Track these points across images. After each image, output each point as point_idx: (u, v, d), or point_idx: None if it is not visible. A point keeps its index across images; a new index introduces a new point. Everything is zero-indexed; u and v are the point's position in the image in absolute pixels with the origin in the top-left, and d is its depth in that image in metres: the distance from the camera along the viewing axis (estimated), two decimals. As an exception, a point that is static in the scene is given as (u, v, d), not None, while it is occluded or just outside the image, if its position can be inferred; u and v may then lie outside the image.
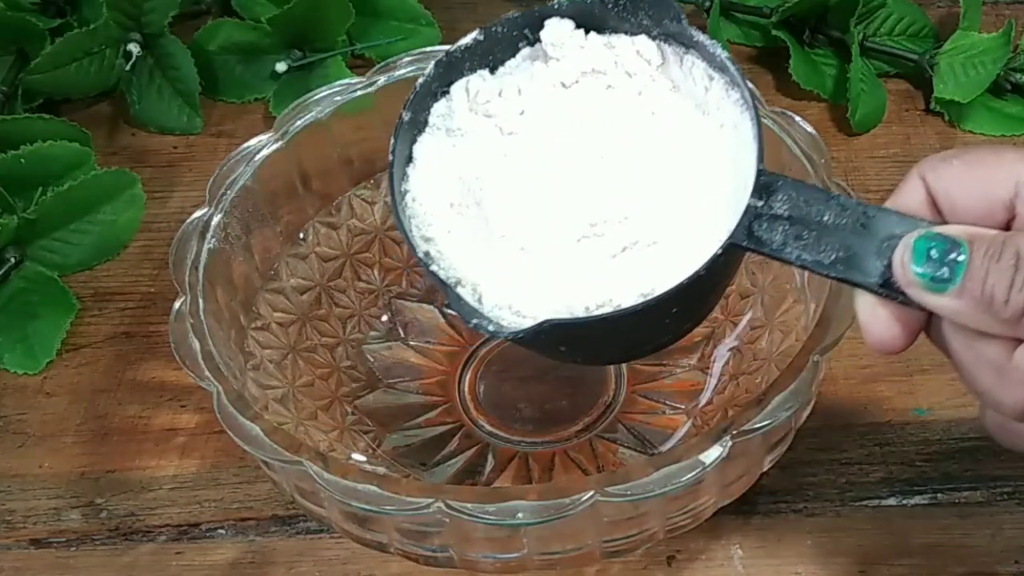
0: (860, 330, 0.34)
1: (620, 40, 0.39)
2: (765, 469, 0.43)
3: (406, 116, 0.39)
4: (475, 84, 0.40)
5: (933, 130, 0.62)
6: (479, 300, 0.37)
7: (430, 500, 0.36)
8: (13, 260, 0.56)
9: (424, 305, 0.53)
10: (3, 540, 0.48)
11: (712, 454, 0.37)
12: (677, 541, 0.45)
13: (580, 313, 0.36)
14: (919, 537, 0.46)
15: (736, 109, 0.37)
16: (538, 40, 0.40)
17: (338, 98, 0.49)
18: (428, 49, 0.50)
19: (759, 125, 0.36)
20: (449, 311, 0.53)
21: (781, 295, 0.47)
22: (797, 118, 0.45)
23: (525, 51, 0.40)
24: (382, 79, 0.49)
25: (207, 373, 0.41)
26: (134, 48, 0.62)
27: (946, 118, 0.62)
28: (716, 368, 0.49)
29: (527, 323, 0.36)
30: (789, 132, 0.45)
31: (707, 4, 0.65)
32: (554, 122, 0.39)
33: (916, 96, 0.64)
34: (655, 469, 0.37)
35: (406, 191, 0.39)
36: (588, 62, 0.39)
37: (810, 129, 0.45)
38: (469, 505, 0.36)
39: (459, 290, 0.37)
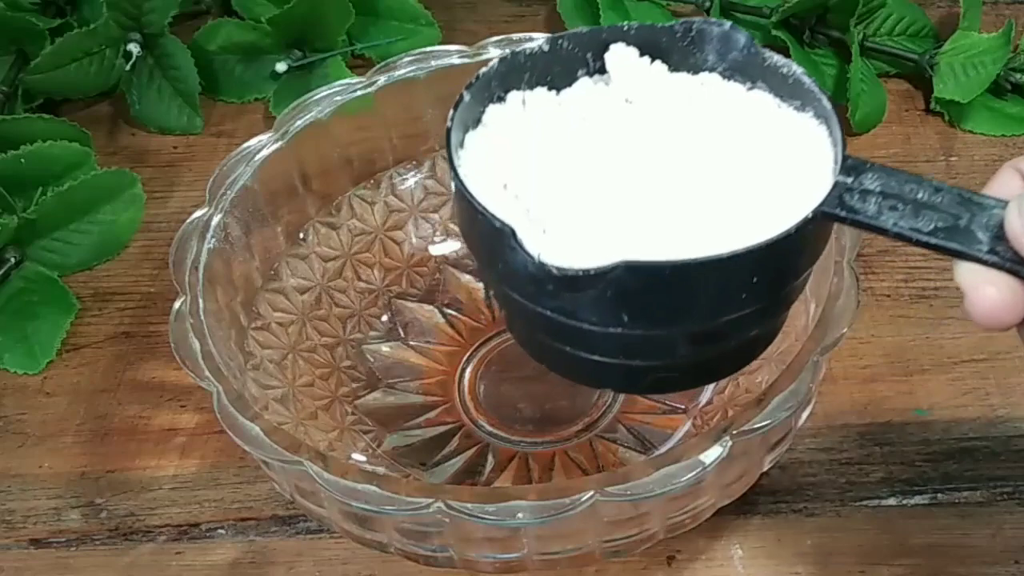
0: (966, 305, 0.32)
1: (683, 76, 0.39)
2: (765, 469, 0.43)
3: (466, 97, 0.37)
4: (532, 98, 0.39)
5: (933, 130, 0.62)
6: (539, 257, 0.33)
7: (430, 500, 0.36)
8: (13, 260, 0.56)
9: (424, 305, 0.53)
10: (3, 540, 0.48)
11: (712, 454, 0.37)
12: (677, 541, 0.45)
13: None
14: (919, 537, 0.46)
15: (812, 123, 0.37)
16: (598, 71, 0.39)
17: (338, 98, 0.49)
18: (428, 49, 0.50)
19: (841, 126, 0.35)
20: (449, 311, 0.53)
21: (781, 295, 0.47)
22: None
23: (585, 80, 0.39)
24: (382, 79, 0.49)
25: (207, 373, 0.41)
26: (134, 48, 0.62)
27: (946, 118, 0.62)
28: (716, 368, 0.49)
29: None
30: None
31: (707, 4, 0.65)
32: (617, 127, 0.38)
33: (916, 96, 0.64)
34: (655, 469, 0.37)
35: (458, 166, 0.37)
36: (652, 83, 0.39)
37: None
38: (469, 505, 0.36)
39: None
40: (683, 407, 0.49)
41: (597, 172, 0.36)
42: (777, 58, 0.37)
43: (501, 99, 0.39)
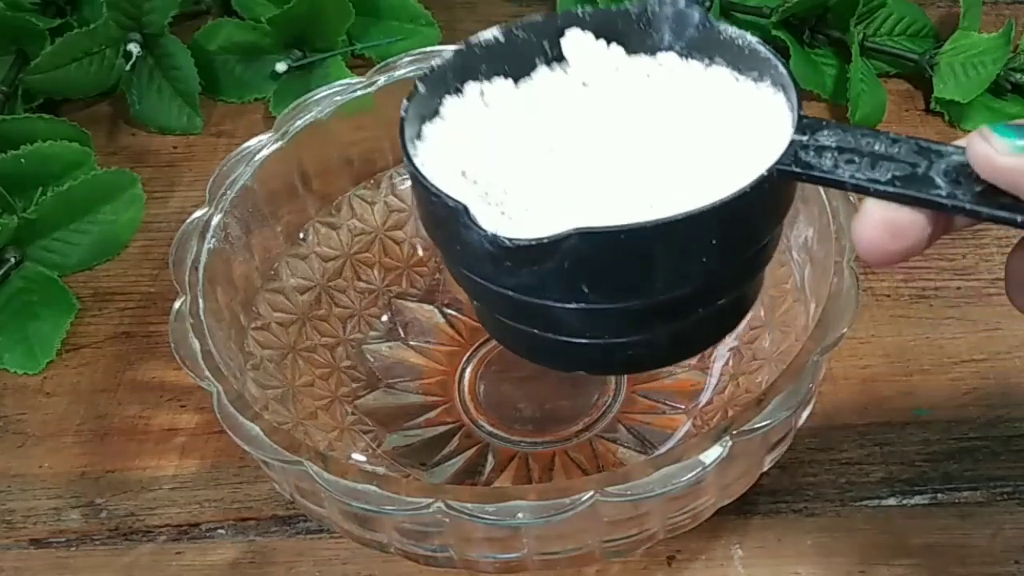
0: (855, 239, 0.33)
1: (641, 58, 0.39)
2: (765, 469, 0.43)
3: (421, 89, 0.37)
4: (490, 89, 0.39)
5: (933, 130, 0.62)
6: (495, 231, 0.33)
7: (430, 500, 0.36)
8: (13, 260, 0.56)
9: (424, 305, 0.53)
10: (3, 540, 0.48)
11: (712, 454, 0.37)
12: (677, 541, 0.45)
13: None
14: (919, 537, 0.46)
15: (768, 91, 0.37)
16: (556, 59, 0.39)
17: (338, 98, 0.49)
18: (428, 49, 0.50)
19: (797, 90, 0.35)
20: (449, 311, 0.53)
21: (781, 295, 0.47)
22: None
23: (543, 69, 0.39)
24: (382, 79, 0.49)
25: (207, 373, 0.41)
26: (134, 48, 0.62)
27: (946, 118, 0.62)
28: (716, 368, 0.49)
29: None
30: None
31: (707, 4, 0.65)
32: (574, 109, 0.38)
33: (916, 96, 0.64)
34: (655, 469, 0.37)
35: (413, 155, 0.36)
36: (610, 64, 0.39)
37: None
38: (469, 505, 0.36)
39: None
40: (683, 407, 0.49)
41: (555, 153, 0.36)
42: (731, 30, 0.37)
43: (458, 91, 0.38)
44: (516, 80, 0.39)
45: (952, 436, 0.49)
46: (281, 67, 0.64)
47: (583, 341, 0.36)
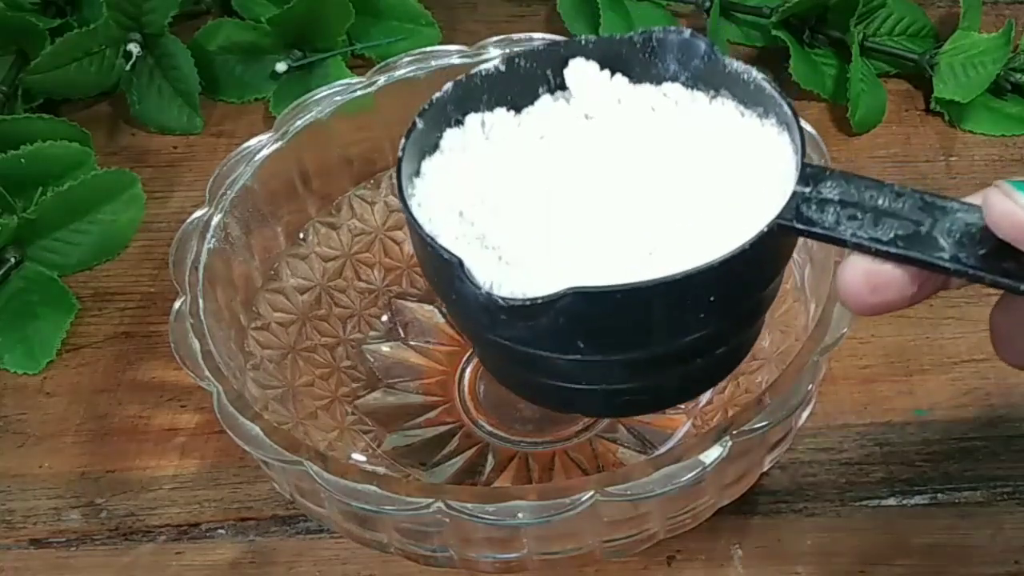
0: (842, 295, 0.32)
1: (646, 88, 0.38)
2: (765, 469, 0.43)
3: (420, 124, 0.37)
4: (491, 119, 0.38)
5: (933, 130, 0.62)
6: (489, 289, 0.33)
7: (430, 500, 0.36)
8: (13, 260, 0.56)
9: (424, 305, 0.53)
10: (3, 540, 0.48)
11: (712, 454, 0.37)
12: (677, 541, 0.45)
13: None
14: (919, 537, 0.46)
15: (773, 131, 0.36)
16: (559, 87, 0.39)
17: (338, 98, 0.49)
18: (428, 49, 0.50)
19: (801, 134, 0.34)
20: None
21: (781, 295, 0.47)
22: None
23: (546, 98, 0.39)
24: (382, 79, 0.49)
25: (207, 373, 0.41)
26: (134, 48, 0.62)
27: (946, 118, 0.62)
28: (716, 368, 0.49)
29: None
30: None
31: (707, 4, 0.65)
32: (577, 144, 0.37)
33: (916, 96, 0.64)
34: (655, 469, 0.37)
35: (411, 195, 0.37)
36: (613, 96, 0.38)
37: (810, 129, 0.45)
38: (469, 505, 0.36)
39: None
40: (683, 407, 0.49)
41: (554, 195, 0.36)
42: (737, 65, 0.37)
43: (459, 122, 0.38)
44: (518, 110, 0.39)
45: (952, 436, 0.49)
46: (281, 67, 0.64)
47: (580, 386, 0.36)
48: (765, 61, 0.65)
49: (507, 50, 0.49)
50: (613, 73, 0.39)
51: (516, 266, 0.34)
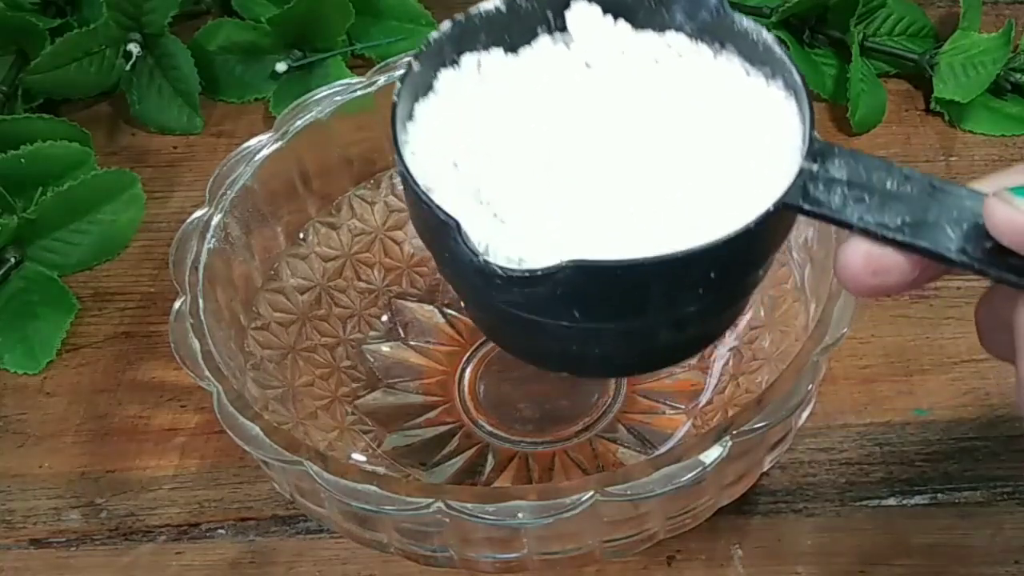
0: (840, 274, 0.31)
1: (648, 35, 0.37)
2: (765, 469, 0.43)
3: (415, 66, 0.36)
4: (488, 60, 0.37)
5: (933, 130, 0.62)
6: (485, 251, 0.32)
7: (430, 500, 0.36)
8: (13, 260, 0.56)
9: (424, 305, 0.53)
10: (3, 540, 0.48)
11: (712, 454, 0.37)
12: (677, 541, 0.45)
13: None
14: (919, 537, 0.46)
15: (780, 95, 0.35)
16: (560, 28, 0.37)
17: (338, 98, 0.49)
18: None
19: (810, 103, 0.34)
20: (449, 311, 0.53)
21: (781, 295, 0.47)
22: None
23: (544, 39, 0.37)
24: (382, 79, 0.49)
25: (207, 373, 0.41)
26: (134, 48, 0.62)
27: (946, 118, 0.62)
28: (716, 368, 0.49)
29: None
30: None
31: None
32: (576, 95, 0.36)
33: (916, 96, 0.64)
34: (655, 469, 0.37)
35: (404, 143, 0.35)
36: (616, 46, 0.37)
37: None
38: (469, 505, 0.36)
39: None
40: (683, 407, 0.49)
41: (552, 152, 0.34)
42: (747, 22, 0.35)
43: (455, 63, 0.37)
44: (516, 51, 0.37)
45: (952, 436, 0.49)
46: (281, 67, 0.64)
47: (572, 349, 0.36)
48: (765, 61, 0.65)
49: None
50: (616, 18, 0.37)
51: (512, 225, 0.33)
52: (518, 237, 0.32)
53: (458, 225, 0.32)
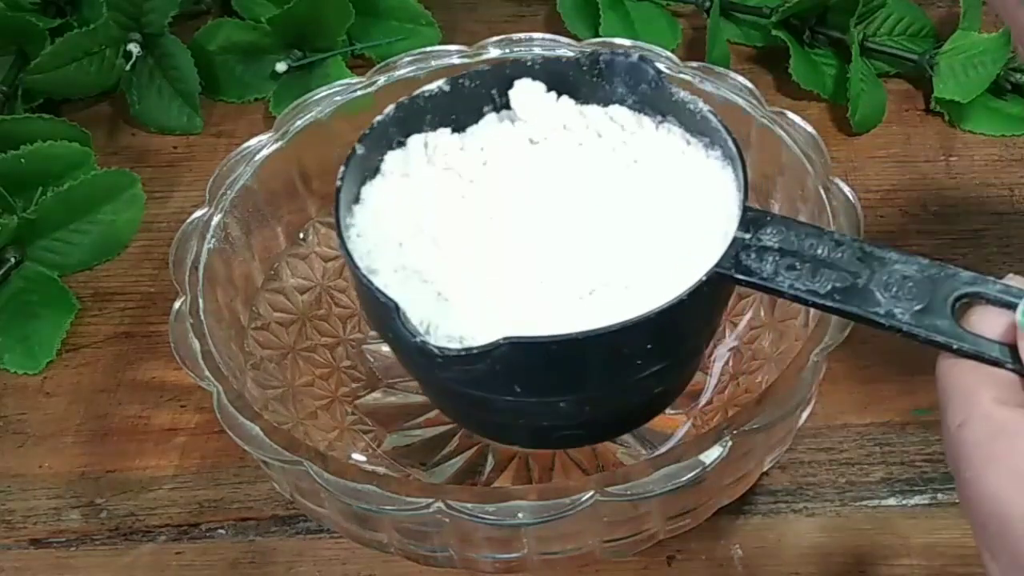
0: None
1: (592, 109, 0.38)
2: (765, 469, 0.43)
3: (360, 150, 0.37)
4: (434, 139, 0.38)
5: (933, 130, 0.62)
6: (426, 330, 0.33)
7: (430, 500, 0.36)
8: (13, 260, 0.56)
9: (424, 305, 0.53)
10: (3, 540, 0.48)
11: (712, 454, 0.37)
12: (677, 541, 0.45)
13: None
14: (919, 537, 0.46)
15: (717, 164, 0.36)
16: (505, 106, 0.38)
17: (338, 98, 0.49)
18: (428, 49, 0.50)
19: (744, 172, 0.35)
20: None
21: (781, 295, 0.47)
22: (797, 118, 0.45)
23: (491, 116, 0.39)
24: (382, 79, 0.49)
25: (207, 373, 0.41)
26: (134, 48, 0.62)
27: (946, 118, 0.62)
28: (716, 368, 0.49)
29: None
30: (789, 132, 0.45)
31: (707, 4, 0.65)
32: (520, 171, 0.37)
33: (916, 96, 0.64)
34: (655, 469, 0.37)
35: (350, 225, 0.37)
36: (558, 120, 0.38)
37: (810, 129, 0.45)
38: (469, 505, 0.36)
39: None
40: (683, 407, 0.49)
41: (494, 230, 0.36)
42: (683, 94, 0.37)
43: (401, 144, 0.38)
44: (463, 130, 0.38)
45: (952, 436, 0.49)
46: (281, 67, 0.64)
47: (517, 423, 0.37)
48: (765, 61, 0.66)
49: (506, 50, 0.49)
50: (560, 94, 0.38)
51: (454, 304, 0.34)
52: (460, 315, 0.34)
53: (397, 307, 0.33)
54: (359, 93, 0.49)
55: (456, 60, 0.50)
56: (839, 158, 0.59)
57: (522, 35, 0.50)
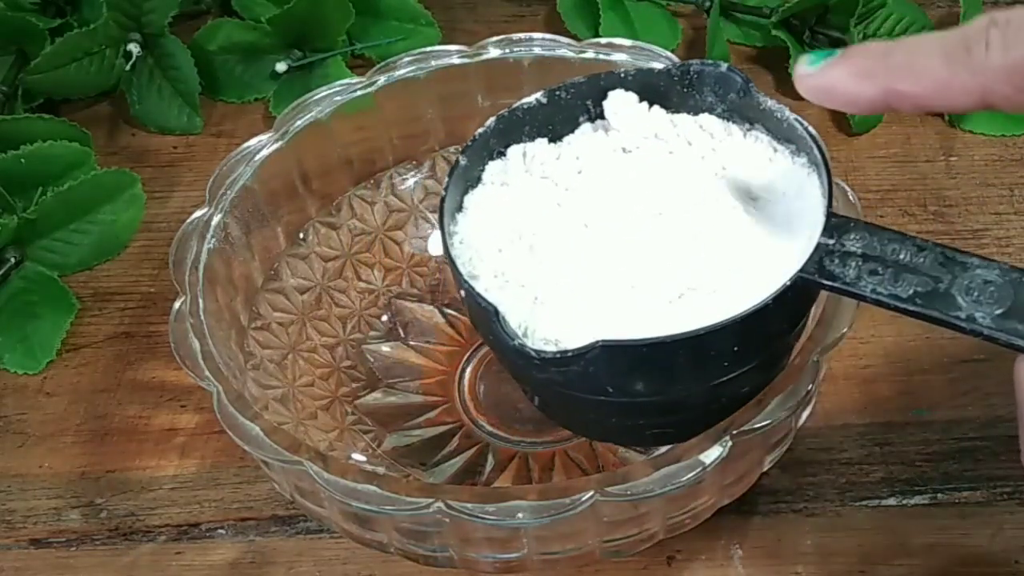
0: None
1: (682, 118, 0.39)
2: (765, 469, 0.43)
3: (463, 161, 0.39)
4: (532, 150, 0.39)
5: (933, 130, 0.62)
6: (524, 333, 0.35)
7: (430, 500, 0.37)
8: (13, 260, 0.56)
9: (424, 305, 0.53)
10: (3, 540, 0.48)
11: (712, 454, 0.37)
12: (677, 541, 0.45)
13: None
14: (919, 537, 0.46)
15: (803, 171, 0.37)
16: (599, 116, 0.40)
17: (338, 98, 0.49)
18: (428, 49, 0.50)
19: (829, 178, 0.35)
20: (449, 311, 0.53)
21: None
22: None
23: (586, 126, 0.40)
24: (382, 79, 0.49)
25: (207, 373, 0.41)
26: (134, 48, 0.62)
27: (946, 118, 0.62)
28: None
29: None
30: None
31: (707, 4, 0.65)
32: (613, 179, 0.38)
33: (916, 96, 0.64)
34: (655, 469, 0.37)
35: (454, 232, 0.38)
36: (650, 129, 0.39)
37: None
38: (469, 505, 0.36)
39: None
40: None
41: (589, 237, 0.37)
42: (771, 103, 0.38)
43: (502, 154, 0.40)
44: (559, 139, 0.40)
45: (952, 436, 0.49)
46: (281, 67, 0.64)
47: (610, 422, 0.38)
48: (765, 61, 0.66)
49: (506, 50, 0.49)
50: (651, 104, 0.40)
51: (549, 308, 0.35)
52: (556, 319, 0.35)
53: (496, 311, 0.34)
54: (359, 93, 0.49)
55: (456, 60, 0.50)
56: (839, 158, 0.60)
57: (522, 35, 0.50)
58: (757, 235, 0.36)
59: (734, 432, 0.37)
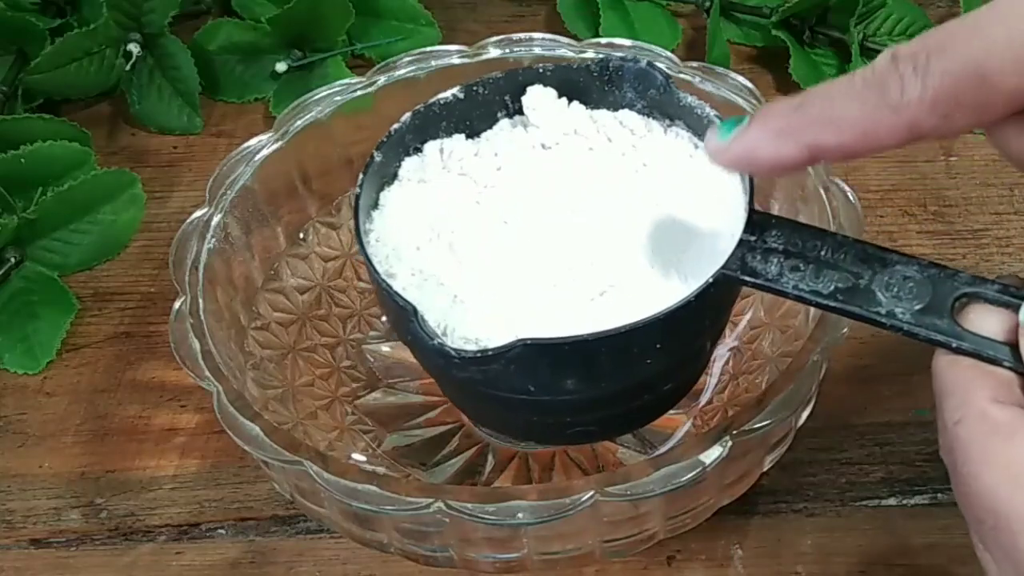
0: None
1: (602, 114, 0.39)
2: (765, 469, 0.43)
3: (378, 157, 0.38)
4: (450, 146, 0.39)
5: (933, 130, 0.62)
6: (443, 332, 0.35)
7: (430, 500, 0.37)
8: (13, 260, 0.56)
9: (424, 305, 0.53)
10: (3, 540, 0.48)
11: (712, 454, 0.37)
12: (677, 541, 0.45)
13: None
14: (919, 537, 0.46)
15: (723, 171, 0.36)
16: (518, 112, 0.39)
17: (338, 98, 0.49)
18: (428, 49, 0.50)
19: (750, 175, 0.35)
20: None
21: (781, 295, 0.47)
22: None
23: (504, 122, 0.40)
24: (382, 79, 0.50)
25: (207, 373, 0.41)
26: (134, 48, 0.62)
27: (946, 118, 0.62)
28: (716, 368, 0.49)
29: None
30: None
31: (707, 4, 0.65)
32: (532, 176, 0.38)
33: (916, 96, 0.64)
34: (655, 469, 0.37)
35: (369, 230, 0.38)
36: (569, 125, 0.39)
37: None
38: (469, 505, 0.36)
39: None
40: (683, 407, 0.49)
41: (509, 234, 0.37)
42: (691, 99, 0.38)
43: (418, 150, 0.39)
44: (476, 135, 0.40)
45: (952, 436, 0.49)
46: (281, 67, 0.64)
47: (533, 420, 0.38)
48: (765, 61, 0.66)
49: (506, 50, 0.49)
50: (571, 100, 0.39)
51: (469, 306, 0.35)
52: (476, 317, 0.35)
53: (415, 310, 0.34)
54: (359, 93, 0.49)
55: (456, 60, 0.50)
56: (839, 158, 0.59)
57: (522, 35, 0.50)
58: (678, 232, 0.36)
59: (734, 432, 0.37)
